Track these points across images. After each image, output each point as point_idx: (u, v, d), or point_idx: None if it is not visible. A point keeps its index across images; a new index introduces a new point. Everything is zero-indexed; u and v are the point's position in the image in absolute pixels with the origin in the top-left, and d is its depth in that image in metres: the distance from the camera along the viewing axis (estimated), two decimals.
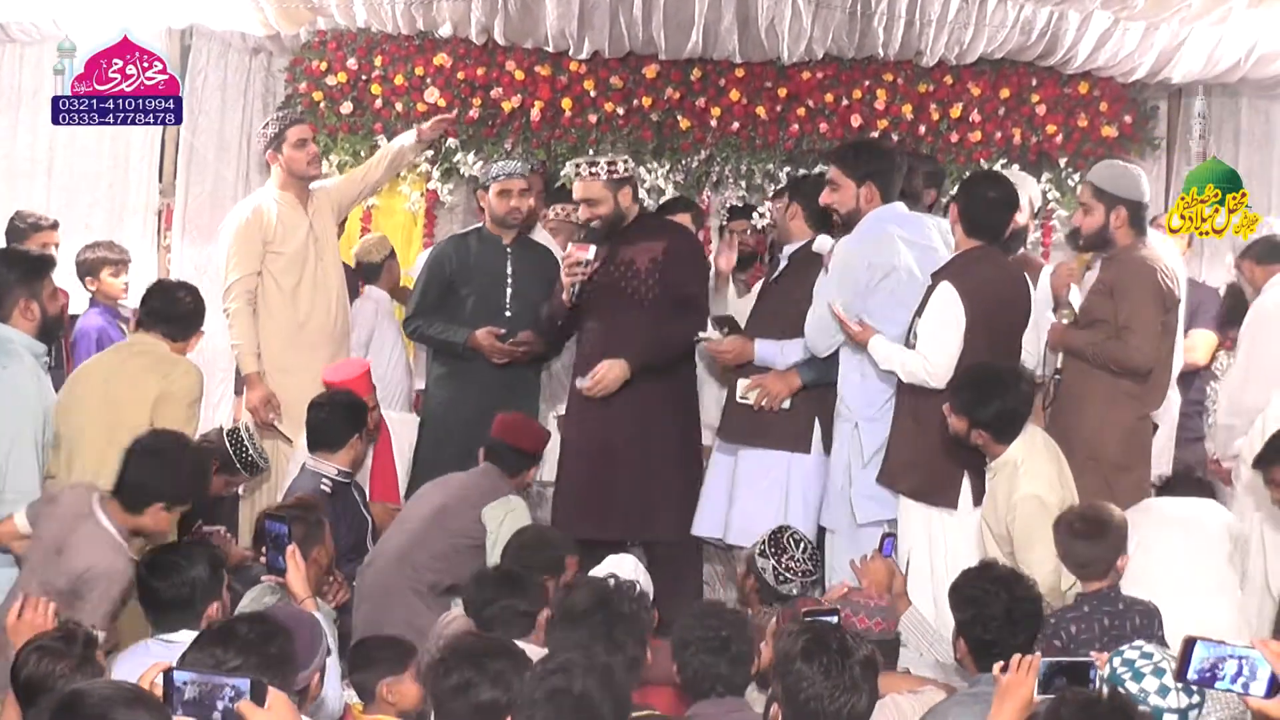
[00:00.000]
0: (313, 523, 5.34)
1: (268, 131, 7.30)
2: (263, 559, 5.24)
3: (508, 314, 7.12)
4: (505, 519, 6.00)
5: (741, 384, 6.59)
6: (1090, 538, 5.12)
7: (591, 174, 6.80)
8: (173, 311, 6.22)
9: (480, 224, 7.42)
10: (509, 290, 7.14)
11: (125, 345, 6.48)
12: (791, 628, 4.11)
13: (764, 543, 5.74)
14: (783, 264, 6.83)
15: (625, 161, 6.96)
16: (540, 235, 7.54)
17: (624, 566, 5.43)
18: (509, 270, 7.14)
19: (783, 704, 3.88)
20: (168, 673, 3.18)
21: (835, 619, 4.71)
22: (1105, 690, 3.67)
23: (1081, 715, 3.71)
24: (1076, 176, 8.73)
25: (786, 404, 6.55)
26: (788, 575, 5.63)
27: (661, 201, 8.44)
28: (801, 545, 5.75)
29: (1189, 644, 3.02)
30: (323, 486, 6.23)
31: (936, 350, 6.01)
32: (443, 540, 6.02)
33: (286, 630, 4.06)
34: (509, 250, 7.19)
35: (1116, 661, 4.02)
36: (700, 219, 8.22)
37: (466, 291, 7.14)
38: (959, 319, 5.99)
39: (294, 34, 8.63)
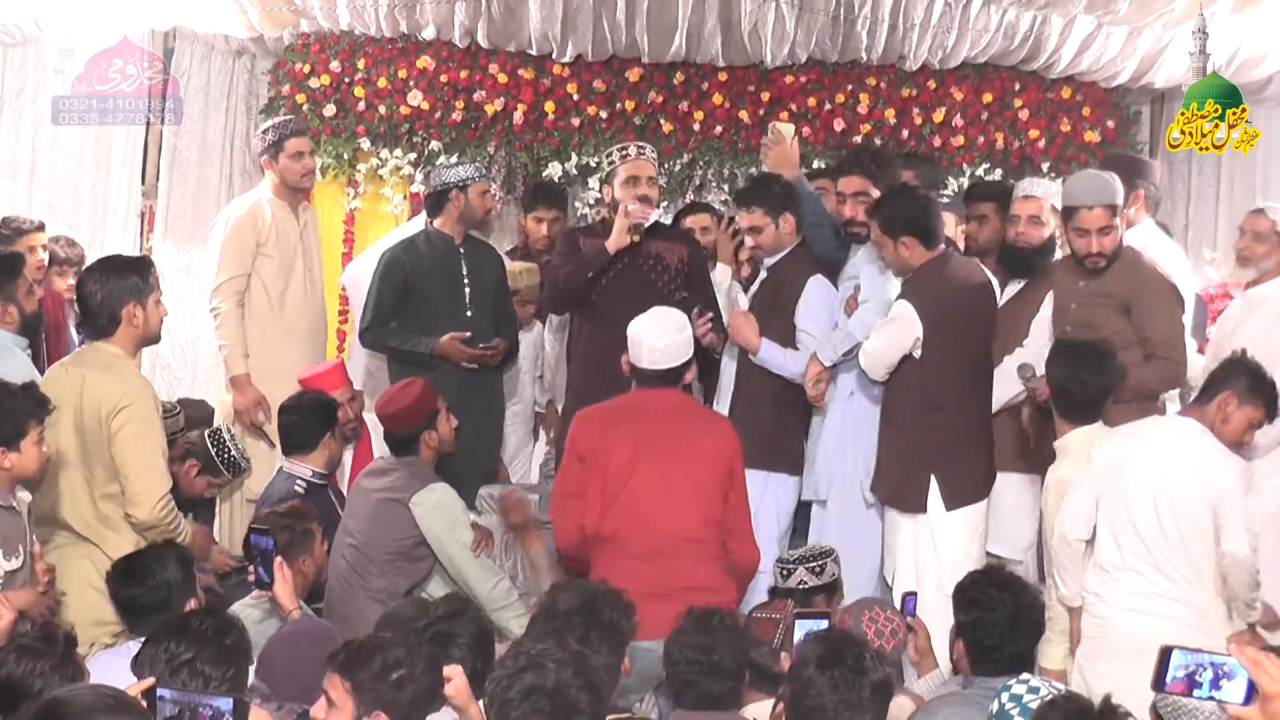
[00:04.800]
0: (299, 532, 5.33)
1: (267, 137, 7.25)
2: (250, 576, 5.25)
3: (468, 313, 7.01)
4: (432, 511, 5.93)
5: None
6: None
7: (653, 157, 6.87)
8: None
9: (425, 226, 7.26)
10: (467, 289, 7.06)
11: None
12: (816, 634, 4.12)
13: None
14: (763, 275, 6.78)
15: None
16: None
17: None
18: (464, 269, 7.07)
19: (788, 706, 3.87)
20: (152, 690, 3.18)
21: (825, 622, 4.67)
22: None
23: None
24: (1060, 181, 8.73)
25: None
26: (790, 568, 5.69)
27: (681, 206, 8.39)
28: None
29: (1165, 653, 3.01)
30: (297, 488, 6.23)
31: (874, 361, 6.14)
32: (385, 549, 5.96)
33: (240, 624, 4.07)
34: (461, 250, 7.11)
35: (1005, 696, 4.03)
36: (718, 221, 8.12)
37: (425, 294, 7.01)
38: (908, 335, 6.07)
39: (277, 36, 8.63)
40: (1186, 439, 5.37)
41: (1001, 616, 4.56)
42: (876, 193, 6.56)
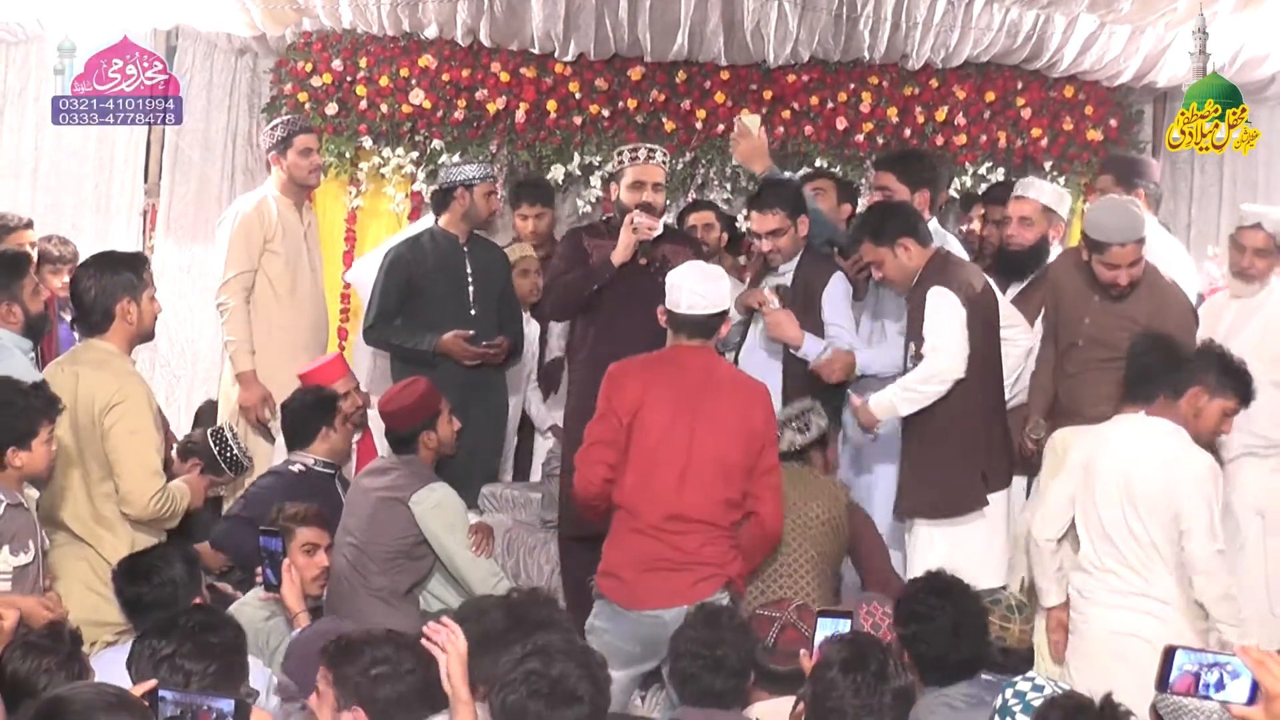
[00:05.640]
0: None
1: (276, 133, 7.27)
2: (258, 577, 5.24)
3: (472, 312, 7.00)
4: (432, 510, 5.94)
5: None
6: None
7: (662, 161, 6.79)
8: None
9: (430, 225, 7.28)
10: (471, 288, 7.05)
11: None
12: (841, 636, 4.11)
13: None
14: (789, 280, 6.73)
15: None
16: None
17: None
18: (468, 268, 7.07)
19: (809, 706, 3.88)
20: (154, 692, 3.19)
21: (849, 621, 4.63)
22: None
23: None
24: (1062, 180, 8.73)
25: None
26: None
27: (685, 205, 8.39)
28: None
29: (1169, 653, 3.01)
30: (292, 468, 6.29)
31: (947, 346, 5.95)
32: (385, 548, 5.96)
33: (234, 623, 4.08)
34: (465, 248, 7.11)
35: (1009, 693, 4.05)
36: (722, 219, 8.10)
37: (429, 293, 7.01)
38: (962, 316, 5.96)
39: (279, 35, 8.63)
40: (1155, 438, 5.40)
41: (943, 625, 4.52)
42: (902, 187, 6.56)
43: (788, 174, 8.10)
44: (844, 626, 4.53)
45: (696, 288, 5.35)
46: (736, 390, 5.44)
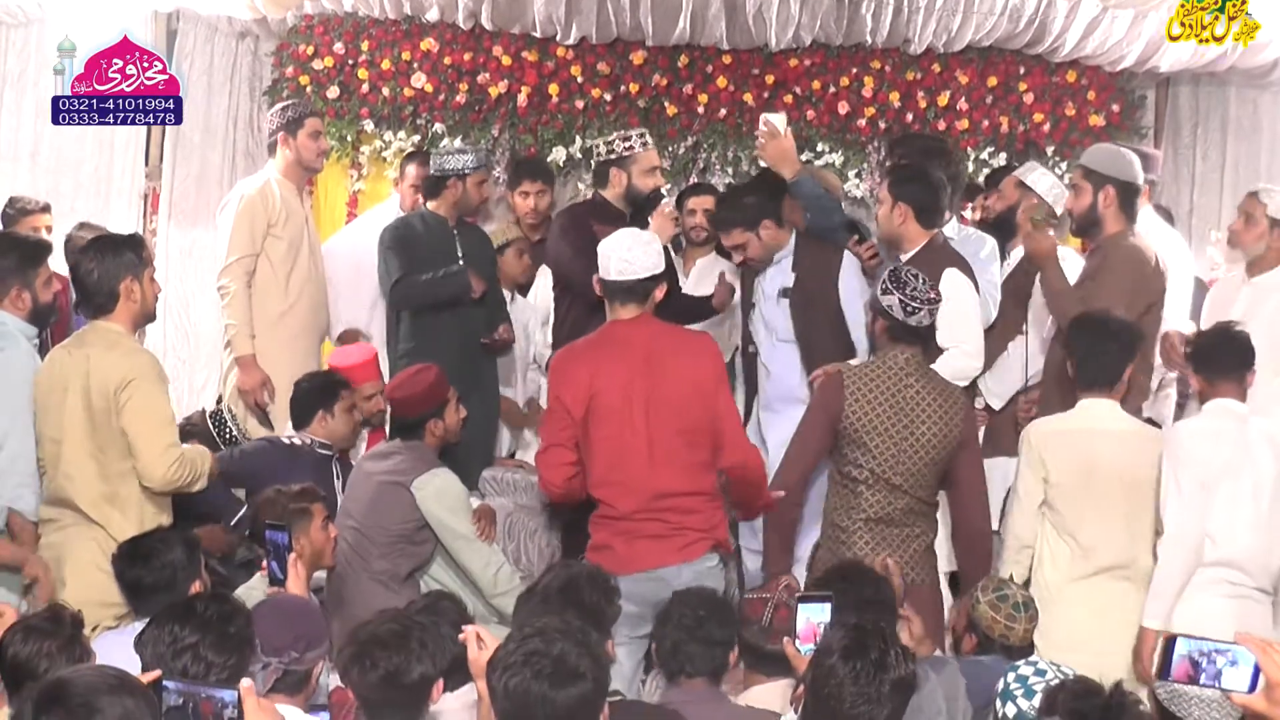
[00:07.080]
0: (292, 511, 5.36)
1: (286, 113, 7.27)
2: (263, 569, 5.25)
3: None
4: (434, 495, 5.94)
5: None
6: None
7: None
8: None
9: (420, 209, 7.27)
10: None
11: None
12: (843, 623, 4.11)
13: (885, 281, 5.64)
14: (790, 275, 6.72)
15: None
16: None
17: None
18: (459, 251, 7.07)
19: (808, 690, 3.89)
20: (157, 681, 3.18)
21: (829, 605, 4.62)
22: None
23: (1077, 704, 3.74)
24: (1064, 165, 8.72)
25: None
26: (915, 305, 5.54)
27: (685, 186, 8.38)
28: (920, 277, 5.63)
29: (1169, 641, 3.01)
30: (286, 438, 6.33)
31: (973, 345, 6.09)
32: (387, 531, 5.95)
33: (246, 611, 4.07)
34: (455, 232, 7.12)
35: (1011, 676, 4.05)
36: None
37: (422, 274, 6.95)
38: (977, 306, 6.11)
39: (280, 18, 8.61)
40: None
41: (847, 613, 4.41)
42: None
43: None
44: (825, 611, 4.47)
45: (625, 254, 5.40)
46: (682, 351, 5.46)
